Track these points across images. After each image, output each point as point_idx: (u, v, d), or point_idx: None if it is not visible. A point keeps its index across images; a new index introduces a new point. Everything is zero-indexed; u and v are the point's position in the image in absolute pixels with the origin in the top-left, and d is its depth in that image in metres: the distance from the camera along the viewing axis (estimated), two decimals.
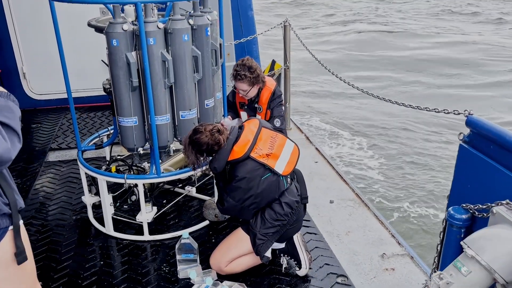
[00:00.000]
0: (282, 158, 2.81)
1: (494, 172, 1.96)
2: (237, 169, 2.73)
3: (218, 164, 2.74)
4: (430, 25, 18.37)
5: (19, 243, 1.66)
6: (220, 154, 2.73)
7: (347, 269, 2.95)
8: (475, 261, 1.66)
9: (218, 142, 2.71)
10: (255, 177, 2.71)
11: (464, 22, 18.87)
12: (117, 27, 2.73)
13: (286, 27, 4.98)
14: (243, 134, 2.76)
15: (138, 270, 2.97)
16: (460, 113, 2.24)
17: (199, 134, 2.72)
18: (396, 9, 21.82)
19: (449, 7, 21.70)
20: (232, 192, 2.75)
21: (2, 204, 1.61)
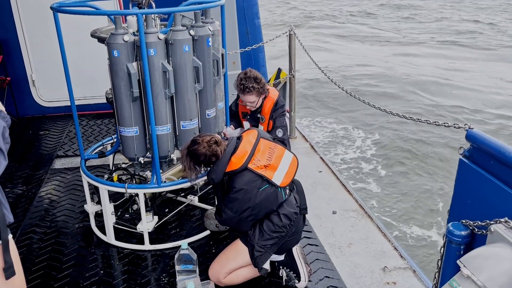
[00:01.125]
0: (280, 169, 2.79)
1: (493, 188, 1.91)
2: (234, 180, 2.72)
3: (216, 175, 2.73)
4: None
5: (7, 258, 1.67)
6: (217, 165, 2.72)
7: (348, 283, 2.91)
8: (471, 281, 1.62)
9: (215, 153, 2.71)
10: (253, 188, 2.70)
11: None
12: (118, 38, 2.75)
13: (292, 36, 4.97)
14: (241, 145, 2.76)
15: (137, 280, 2.97)
16: (460, 127, 2.20)
17: (196, 145, 2.73)
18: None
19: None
20: (230, 203, 2.74)
21: None
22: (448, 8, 22.03)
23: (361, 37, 17.26)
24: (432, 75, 12.50)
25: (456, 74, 12.53)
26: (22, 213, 3.78)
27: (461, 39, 16.88)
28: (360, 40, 16.98)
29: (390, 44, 16.35)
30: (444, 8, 22.60)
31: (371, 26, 19.42)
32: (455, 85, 11.73)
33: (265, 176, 2.71)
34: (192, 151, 2.74)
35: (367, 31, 18.47)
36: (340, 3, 23.57)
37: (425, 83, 11.83)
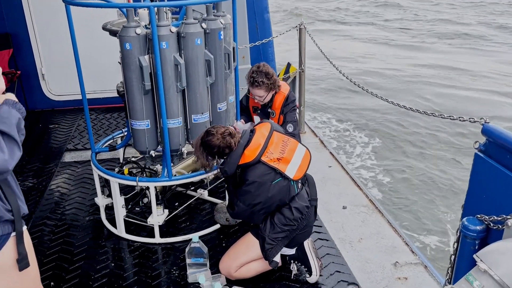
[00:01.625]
0: (293, 163, 2.78)
1: (509, 183, 1.89)
2: (247, 173, 2.71)
3: (229, 167, 2.73)
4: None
5: (21, 249, 1.68)
6: (231, 157, 2.72)
7: (359, 277, 2.90)
8: (488, 276, 1.60)
9: (229, 145, 2.71)
10: (266, 181, 2.69)
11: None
12: (130, 31, 2.75)
13: (302, 30, 4.95)
14: (254, 138, 2.75)
15: (148, 273, 2.98)
16: (476, 121, 2.18)
17: (210, 136, 2.72)
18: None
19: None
20: (242, 196, 2.74)
21: (5, 210, 1.62)
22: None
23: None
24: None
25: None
26: (33, 206, 3.81)
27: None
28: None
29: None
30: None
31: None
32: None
33: (278, 169, 2.71)
34: (206, 142, 2.73)
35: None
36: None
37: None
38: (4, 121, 1.57)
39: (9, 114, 1.60)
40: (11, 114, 1.60)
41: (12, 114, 1.61)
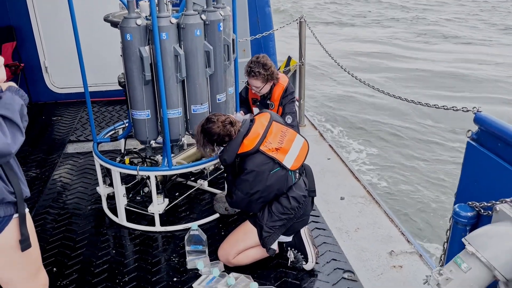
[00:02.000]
0: (291, 153, 2.83)
1: (500, 170, 1.94)
2: (246, 162, 2.76)
3: (228, 156, 2.78)
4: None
5: (23, 230, 1.73)
6: (230, 146, 2.77)
7: (354, 265, 2.96)
8: (475, 258, 1.65)
9: (229, 133, 2.76)
10: (264, 171, 2.75)
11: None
12: (131, 22, 2.79)
13: (302, 23, 4.98)
14: (254, 127, 2.80)
15: (148, 260, 3.05)
16: (468, 110, 2.22)
17: (211, 123, 2.77)
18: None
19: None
20: (240, 185, 2.79)
21: (8, 192, 1.68)
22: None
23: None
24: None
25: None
26: (36, 195, 3.88)
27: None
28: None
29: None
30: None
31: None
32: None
33: (276, 158, 2.76)
34: (206, 129, 2.79)
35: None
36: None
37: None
38: (7, 107, 1.62)
39: (12, 100, 1.65)
40: (14, 101, 1.66)
41: (15, 101, 1.66)
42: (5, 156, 1.58)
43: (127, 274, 2.91)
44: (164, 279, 2.86)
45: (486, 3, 22.76)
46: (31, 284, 1.87)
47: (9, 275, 1.81)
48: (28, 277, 1.85)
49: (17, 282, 1.84)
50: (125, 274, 2.92)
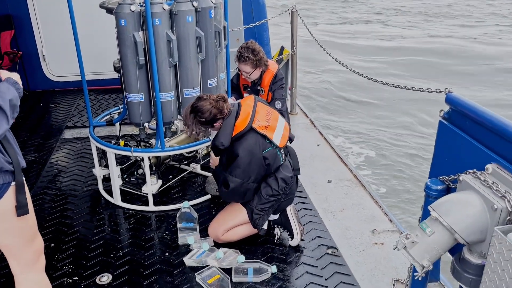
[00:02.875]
0: (277, 130, 2.94)
1: (467, 146, 2.08)
2: (239, 145, 2.81)
3: (224, 138, 2.80)
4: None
5: (20, 197, 1.85)
6: (224, 128, 2.80)
7: (338, 242, 3.11)
8: (438, 223, 1.79)
9: (221, 110, 2.79)
10: (258, 151, 2.82)
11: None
12: (125, 8, 2.92)
13: (294, 13, 5.10)
14: (242, 109, 2.89)
15: (142, 237, 3.19)
16: (441, 91, 2.36)
17: (202, 101, 2.80)
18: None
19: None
20: (236, 171, 2.82)
21: (5, 162, 1.80)
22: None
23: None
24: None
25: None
26: (34, 178, 4.02)
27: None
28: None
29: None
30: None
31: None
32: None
33: (267, 136, 2.86)
34: (198, 107, 2.79)
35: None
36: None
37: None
38: (0, 95, 1.72)
39: (7, 90, 1.75)
40: (8, 90, 1.75)
41: (10, 91, 1.76)
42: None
43: (121, 250, 3.06)
44: (156, 254, 3.01)
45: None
46: (28, 249, 2.00)
47: (7, 241, 1.93)
48: (25, 242, 1.98)
49: (14, 247, 1.96)
50: (119, 249, 3.06)
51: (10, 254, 1.99)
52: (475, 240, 1.77)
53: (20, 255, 1.99)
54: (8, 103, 1.73)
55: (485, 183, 1.81)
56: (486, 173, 1.86)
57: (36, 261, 2.05)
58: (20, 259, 1.99)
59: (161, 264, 2.91)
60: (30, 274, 2.04)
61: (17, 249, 1.98)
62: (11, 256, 1.99)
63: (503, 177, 1.79)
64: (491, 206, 1.72)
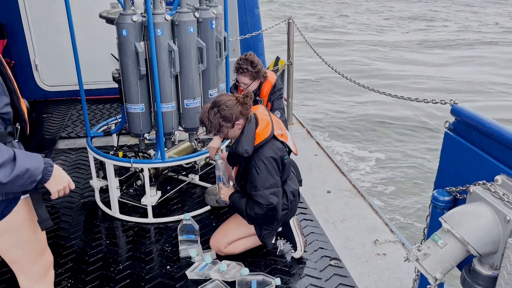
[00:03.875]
0: (289, 139, 2.93)
1: (474, 157, 2.09)
2: (262, 153, 2.68)
3: (249, 146, 2.64)
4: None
5: (40, 211, 1.80)
6: (247, 136, 2.67)
7: (341, 253, 3.09)
8: (451, 235, 1.79)
9: (247, 110, 2.66)
10: (280, 158, 2.74)
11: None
12: (127, 18, 2.90)
13: (290, 24, 5.13)
14: (259, 117, 2.78)
15: (141, 249, 3.14)
16: (446, 103, 2.37)
17: (226, 96, 2.68)
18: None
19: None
20: (260, 182, 2.65)
21: None
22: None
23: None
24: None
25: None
26: None
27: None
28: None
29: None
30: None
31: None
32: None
33: (286, 143, 2.82)
34: (220, 101, 2.63)
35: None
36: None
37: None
38: (28, 159, 1.64)
39: (36, 162, 1.67)
40: (34, 161, 1.66)
41: (35, 162, 1.66)
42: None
43: (121, 263, 3.00)
44: (157, 267, 2.96)
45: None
46: (37, 263, 1.94)
47: (17, 255, 1.88)
48: (34, 256, 1.92)
49: (24, 261, 1.90)
50: (119, 263, 3.00)
51: (19, 269, 1.93)
52: (487, 252, 1.77)
53: (30, 269, 1.94)
54: (21, 167, 1.61)
55: (496, 195, 1.81)
56: (496, 184, 1.87)
57: (45, 275, 2.00)
58: (29, 274, 1.94)
59: (163, 277, 2.85)
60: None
61: (27, 263, 1.93)
62: (19, 270, 1.94)
63: None
64: (503, 218, 1.72)
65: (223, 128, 2.70)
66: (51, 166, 1.76)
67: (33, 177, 1.66)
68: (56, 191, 1.82)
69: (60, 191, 1.83)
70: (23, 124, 1.86)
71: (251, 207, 2.73)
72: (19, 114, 1.84)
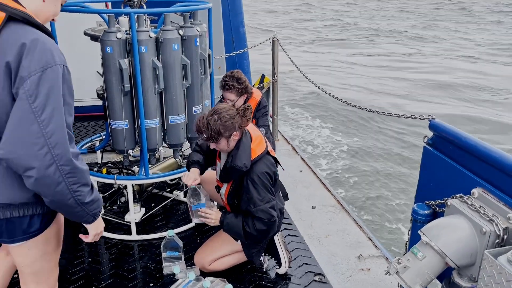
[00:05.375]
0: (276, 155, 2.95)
1: (452, 170, 2.14)
2: (258, 168, 2.65)
3: (247, 160, 2.61)
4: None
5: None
6: (244, 150, 2.64)
7: (325, 269, 3.09)
8: (429, 247, 1.82)
9: (246, 122, 2.63)
10: (274, 173, 2.74)
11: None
12: (111, 35, 2.92)
13: (275, 42, 5.22)
14: (251, 132, 2.77)
15: (125, 267, 3.10)
16: (424, 118, 2.43)
17: (225, 104, 2.66)
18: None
19: None
20: (264, 197, 2.62)
21: None
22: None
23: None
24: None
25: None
26: None
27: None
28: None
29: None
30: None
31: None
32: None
33: (277, 158, 2.82)
34: (221, 109, 2.59)
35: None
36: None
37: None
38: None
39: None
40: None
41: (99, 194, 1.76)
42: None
43: (103, 281, 2.95)
44: (140, 284, 2.92)
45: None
46: (52, 275, 1.97)
47: (41, 266, 1.88)
48: (52, 269, 1.95)
49: (44, 272, 1.92)
50: (101, 280, 2.96)
51: (36, 280, 1.92)
52: (465, 264, 1.80)
53: (46, 281, 1.95)
54: (97, 194, 1.73)
55: (472, 207, 1.86)
56: (473, 197, 1.91)
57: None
58: (43, 285, 1.95)
59: None
60: None
61: (45, 275, 1.93)
62: (35, 281, 1.92)
63: (489, 201, 1.84)
64: (479, 230, 1.76)
65: (221, 137, 2.60)
66: (101, 209, 1.82)
67: (98, 208, 1.75)
68: (94, 234, 1.88)
69: (96, 235, 1.89)
70: None
71: (252, 224, 2.66)
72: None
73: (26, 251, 1.81)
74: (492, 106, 11.30)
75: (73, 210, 1.67)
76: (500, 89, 12.86)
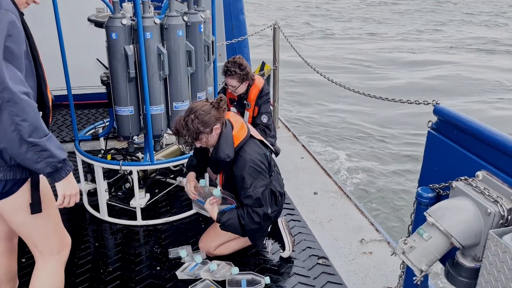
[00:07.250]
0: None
1: (456, 154, 2.18)
2: (244, 154, 2.69)
3: (229, 150, 2.66)
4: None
5: (35, 195, 1.86)
6: (225, 140, 2.68)
7: (328, 252, 3.15)
8: (435, 228, 1.87)
9: (222, 111, 2.66)
10: (264, 155, 2.78)
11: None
12: (117, 21, 2.93)
13: (276, 29, 5.22)
14: (232, 120, 2.83)
15: (131, 251, 3.14)
16: (429, 103, 2.47)
17: (200, 102, 2.67)
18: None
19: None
20: (254, 181, 2.66)
21: None
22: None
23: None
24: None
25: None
26: None
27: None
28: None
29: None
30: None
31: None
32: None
33: (263, 140, 2.86)
34: (197, 107, 2.62)
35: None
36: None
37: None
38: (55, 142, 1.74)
39: (58, 146, 1.76)
40: (58, 148, 1.76)
41: (58, 149, 1.75)
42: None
43: (110, 265, 3.00)
44: (147, 268, 2.97)
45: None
46: (50, 240, 2.02)
47: (27, 232, 1.96)
48: (47, 234, 2.00)
49: (35, 238, 1.99)
50: (108, 264, 3.00)
51: (31, 244, 2.02)
52: (470, 244, 1.85)
53: (42, 245, 2.01)
54: (45, 144, 1.70)
55: (477, 189, 1.90)
56: (477, 179, 1.95)
57: (57, 253, 2.08)
58: (41, 248, 2.02)
59: (153, 278, 2.87)
60: (50, 263, 2.06)
61: (38, 240, 2.01)
62: (32, 245, 2.02)
63: (494, 183, 1.89)
64: (484, 211, 1.81)
65: (201, 134, 2.64)
66: (70, 168, 1.84)
67: (49, 160, 1.72)
68: (63, 194, 1.88)
69: (67, 196, 1.90)
70: (46, 111, 1.93)
71: (246, 215, 2.72)
72: (44, 100, 1.90)
73: (8, 217, 1.90)
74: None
75: (24, 152, 1.67)
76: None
